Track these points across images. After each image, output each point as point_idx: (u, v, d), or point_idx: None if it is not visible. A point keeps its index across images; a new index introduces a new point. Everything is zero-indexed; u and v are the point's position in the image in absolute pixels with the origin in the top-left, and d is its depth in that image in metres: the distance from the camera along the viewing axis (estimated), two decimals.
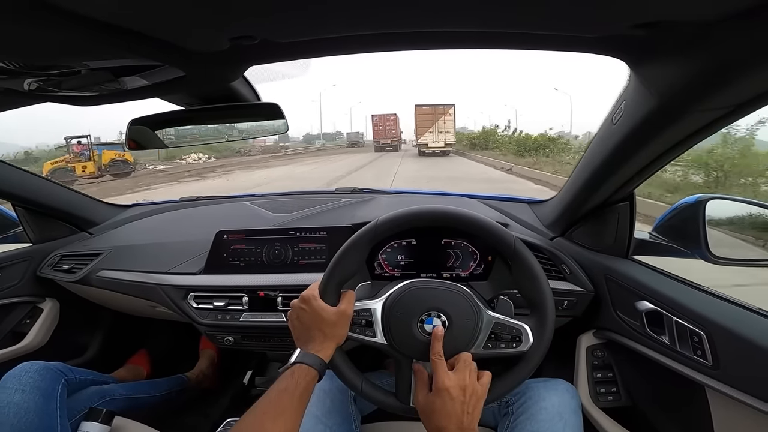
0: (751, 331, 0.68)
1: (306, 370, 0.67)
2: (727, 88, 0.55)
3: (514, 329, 0.75)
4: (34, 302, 1.42)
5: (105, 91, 0.72)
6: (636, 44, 0.54)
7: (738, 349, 0.69)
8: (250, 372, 1.62)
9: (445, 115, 25.67)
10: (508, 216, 1.27)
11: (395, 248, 1.05)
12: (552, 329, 0.74)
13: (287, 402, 0.63)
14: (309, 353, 0.70)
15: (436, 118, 25.57)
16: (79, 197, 1.53)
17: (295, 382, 0.65)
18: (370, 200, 1.44)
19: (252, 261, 1.18)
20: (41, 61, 0.58)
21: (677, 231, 0.91)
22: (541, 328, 0.73)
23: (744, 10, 0.41)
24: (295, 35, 0.54)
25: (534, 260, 0.77)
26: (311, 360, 0.69)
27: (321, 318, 0.73)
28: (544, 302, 0.75)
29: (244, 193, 1.80)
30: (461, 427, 0.65)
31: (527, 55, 30.13)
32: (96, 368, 1.21)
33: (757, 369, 0.66)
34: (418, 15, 0.49)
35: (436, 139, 25.32)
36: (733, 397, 0.69)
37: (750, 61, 0.48)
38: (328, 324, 0.73)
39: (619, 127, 0.75)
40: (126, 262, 1.27)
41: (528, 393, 0.85)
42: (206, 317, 1.13)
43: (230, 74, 0.72)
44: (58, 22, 0.42)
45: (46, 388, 0.92)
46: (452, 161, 20.68)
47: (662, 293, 0.85)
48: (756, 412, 0.65)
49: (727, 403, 0.72)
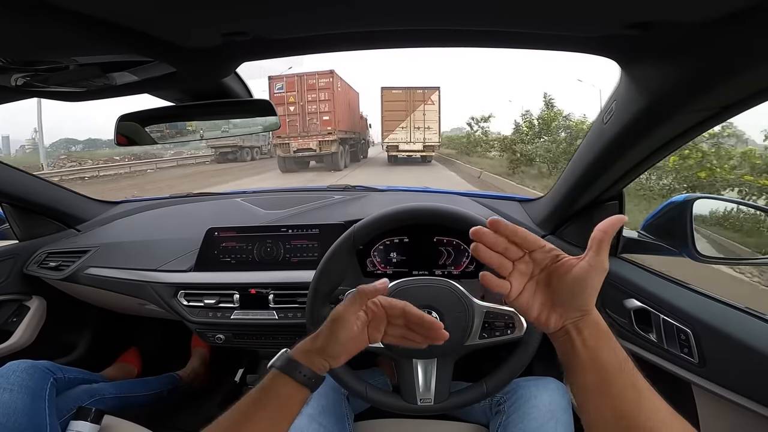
0: (736, 329, 0.70)
1: (281, 380, 0.58)
2: (717, 89, 0.56)
3: (506, 316, 0.76)
4: (20, 300, 1.39)
5: (94, 87, 0.70)
6: (628, 44, 0.54)
7: (724, 347, 0.70)
8: (241, 370, 1.61)
9: (425, 102, 16.35)
10: (499, 214, 1.28)
11: (387, 246, 1.05)
12: None
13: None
14: (291, 358, 0.59)
15: (413, 108, 16.29)
16: (66, 194, 1.51)
17: (261, 392, 0.57)
18: (363, 197, 1.44)
19: (243, 258, 1.17)
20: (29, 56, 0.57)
21: (665, 230, 0.93)
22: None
23: (736, 11, 0.42)
24: (288, 31, 0.53)
25: None
26: (286, 366, 0.58)
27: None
28: None
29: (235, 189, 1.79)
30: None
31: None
32: (85, 367, 1.20)
33: (742, 367, 0.68)
34: (411, 12, 0.49)
35: (412, 139, 16.38)
36: (719, 394, 0.70)
37: (740, 62, 0.49)
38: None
39: (610, 126, 0.76)
40: (114, 259, 1.26)
41: (519, 392, 0.86)
42: (197, 315, 1.12)
43: (222, 70, 0.71)
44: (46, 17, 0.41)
45: (34, 387, 0.91)
46: (431, 172, 14.26)
47: (650, 291, 0.86)
48: (740, 408, 0.66)
49: (713, 400, 0.74)
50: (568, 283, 0.47)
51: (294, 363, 0.58)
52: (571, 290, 0.47)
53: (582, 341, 0.47)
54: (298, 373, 0.57)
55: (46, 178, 1.51)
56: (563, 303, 0.49)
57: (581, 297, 0.47)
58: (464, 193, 1.51)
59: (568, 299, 0.48)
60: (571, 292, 0.48)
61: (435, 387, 0.78)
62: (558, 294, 0.49)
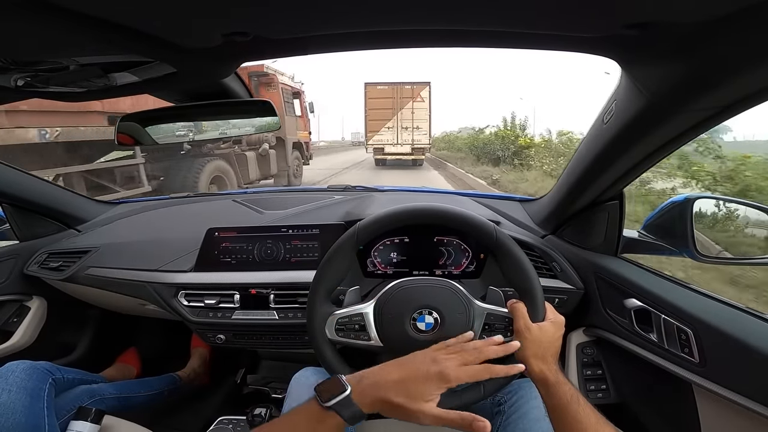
0: (737, 329, 0.70)
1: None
2: (717, 89, 0.56)
3: (506, 318, 0.75)
4: (21, 301, 1.39)
5: (94, 87, 0.71)
6: (628, 44, 0.54)
7: (724, 347, 0.70)
8: (242, 370, 1.62)
9: (413, 99, 14.67)
10: (500, 214, 1.28)
11: (388, 246, 1.05)
12: (543, 313, 0.75)
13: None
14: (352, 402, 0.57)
15: (400, 105, 14.69)
16: (67, 194, 1.51)
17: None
18: (363, 198, 1.44)
19: (243, 258, 1.17)
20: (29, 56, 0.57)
21: (665, 229, 0.93)
22: (533, 313, 0.74)
23: (735, 11, 0.42)
24: (288, 32, 0.53)
25: (517, 248, 0.78)
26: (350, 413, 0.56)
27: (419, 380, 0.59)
28: (532, 287, 0.75)
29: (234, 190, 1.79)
30: (556, 354, 0.72)
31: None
32: (85, 367, 1.20)
33: (742, 367, 0.68)
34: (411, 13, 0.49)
35: (399, 140, 14.76)
36: (719, 395, 0.70)
37: (740, 62, 0.49)
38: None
39: (610, 126, 0.76)
40: (115, 259, 1.26)
41: (519, 392, 0.86)
42: (197, 315, 1.12)
43: (222, 70, 0.71)
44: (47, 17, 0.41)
45: (32, 387, 0.91)
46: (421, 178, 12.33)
47: (650, 291, 0.86)
48: (741, 409, 0.66)
49: (714, 400, 0.74)
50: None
51: (358, 412, 0.57)
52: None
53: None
54: (351, 416, 0.56)
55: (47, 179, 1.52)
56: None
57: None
58: (465, 193, 1.51)
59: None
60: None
61: None
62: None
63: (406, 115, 14.71)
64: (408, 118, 14.72)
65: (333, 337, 0.78)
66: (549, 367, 0.68)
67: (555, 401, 0.65)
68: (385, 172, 13.97)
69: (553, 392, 0.66)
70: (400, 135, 14.77)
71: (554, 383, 0.66)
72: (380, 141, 15.00)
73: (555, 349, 0.72)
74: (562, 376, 0.68)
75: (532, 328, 0.71)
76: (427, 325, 0.75)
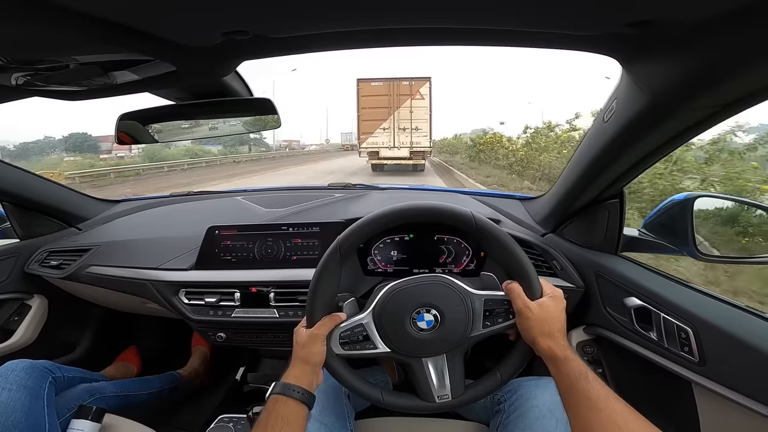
0: (737, 328, 0.70)
1: (281, 400, 0.69)
2: (717, 88, 0.56)
3: (505, 301, 0.75)
4: (21, 299, 1.40)
5: (94, 86, 0.70)
6: (629, 43, 0.54)
7: (724, 346, 0.70)
8: (242, 368, 1.62)
9: (412, 96, 12.82)
10: (500, 212, 1.28)
11: (388, 244, 1.05)
12: (540, 289, 0.74)
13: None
14: (284, 383, 0.71)
15: (397, 103, 12.88)
16: (67, 192, 1.51)
17: (267, 414, 0.67)
18: (363, 196, 1.44)
19: (244, 256, 1.17)
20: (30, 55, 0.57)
21: (666, 228, 0.93)
22: (529, 291, 0.73)
23: (735, 9, 0.42)
24: (289, 30, 0.53)
25: (498, 229, 0.77)
26: (282, 389, 0.70)
27: (295, 342, 0.77)
28: (522, 265, 0.75)
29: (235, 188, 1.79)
30: (563, 328, 0.71)
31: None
32: (85, 366, 1.20)
33: (742, 366, 0.68)
34: (412, 11, 0.49)
35: (396, 143, 13.06)
36: (719, 393, 0.70)
37: (740, 60, 0.49)
38: (300, 345, 0.75)
39: (610, 125, 0.76)
40: (116, 257, 1.26)
41: (519, 391, 0.86)
42: (198, 313, 1.12)
43: (222, 69, 0.71)
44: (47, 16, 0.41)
45: (32, 386, 0.91)
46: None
47: (650, 290, 0.86)
48: (741, 408, 0.66)
49: (713, 399, 0.74)
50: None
51: (287, 385, 0.70)
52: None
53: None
54: (294, 392, 0.70)
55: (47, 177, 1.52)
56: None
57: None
58: (465, 192, 1.51)
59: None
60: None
61: (450, 383, 0.77)
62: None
63: (404, 115, 12.98)
64: (406, 118, 12.99)
65: (339, 351, 0.77)
66: (557, 343, 0.68)
67: (564, 378, 0.65)
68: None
69: (563, 369, 0.66)
70: (397, 137, 13.12)
71: (563, 359, 0.66)
72: (374, 144, 13.31)
73: (560, 323, 0.71)
74: (570, 351, 0.67)
75: (532, 306, 0.71)
76: (428, 322, 0.75)
